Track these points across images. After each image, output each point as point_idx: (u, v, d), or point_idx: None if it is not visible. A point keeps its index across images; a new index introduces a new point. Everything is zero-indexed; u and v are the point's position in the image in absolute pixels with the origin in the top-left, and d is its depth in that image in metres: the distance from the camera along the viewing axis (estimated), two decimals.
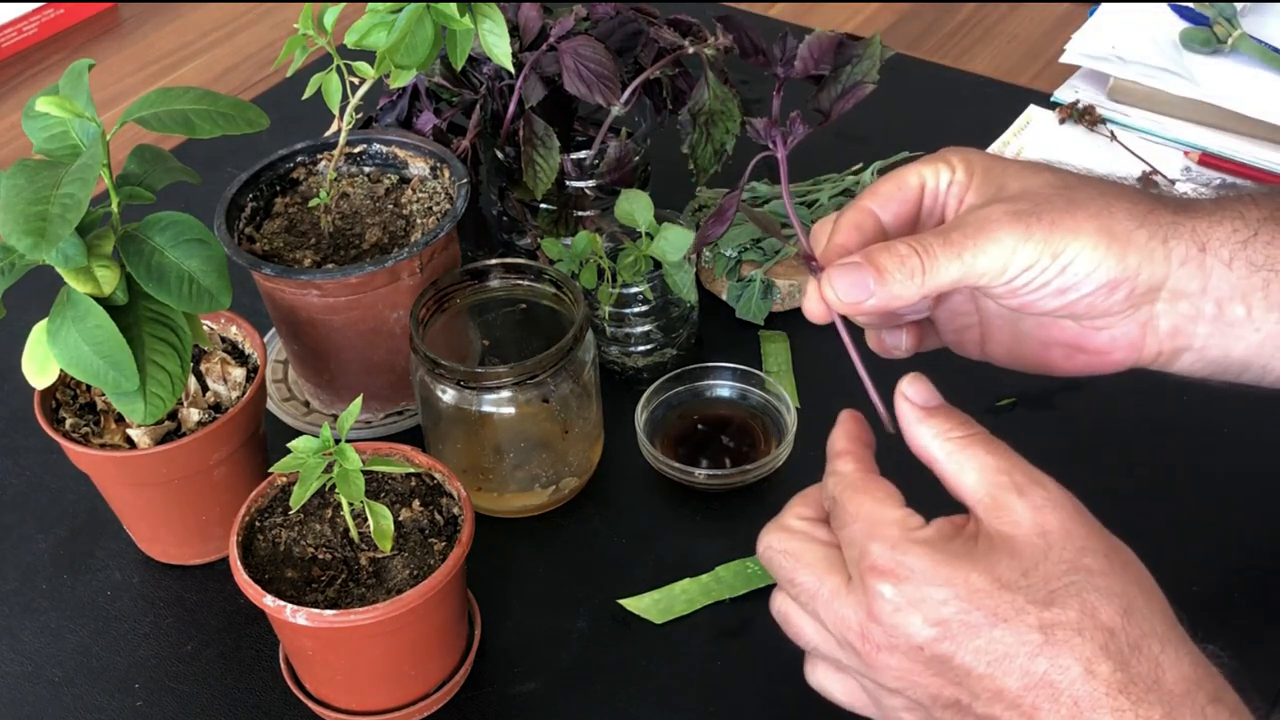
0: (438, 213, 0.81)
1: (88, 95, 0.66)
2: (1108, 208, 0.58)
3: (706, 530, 0.77)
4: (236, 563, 0.64)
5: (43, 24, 1.28)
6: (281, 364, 0.88)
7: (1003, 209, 0.57)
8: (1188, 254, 0.58)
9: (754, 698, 0.69)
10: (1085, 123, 1.05)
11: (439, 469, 0.69)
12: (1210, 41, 1.07)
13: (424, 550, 0.66)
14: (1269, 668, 0.68)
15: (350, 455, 0.63)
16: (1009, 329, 0.64)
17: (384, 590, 0.65)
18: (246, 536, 0.67)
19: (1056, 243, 0.56)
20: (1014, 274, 0.57)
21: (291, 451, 0.63)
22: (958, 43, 1.19)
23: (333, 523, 0.68)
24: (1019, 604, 0.50)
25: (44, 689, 0.71)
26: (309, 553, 0.67)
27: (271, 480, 0.69)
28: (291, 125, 0.94)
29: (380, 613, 0.62)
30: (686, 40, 0.85)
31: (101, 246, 0.65)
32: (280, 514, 0.68)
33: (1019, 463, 0.54)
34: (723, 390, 0.83)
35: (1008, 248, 0.56)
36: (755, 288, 0.88)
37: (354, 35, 0.72)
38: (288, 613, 0.62)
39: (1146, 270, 0.58)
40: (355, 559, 0.66)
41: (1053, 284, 0.58)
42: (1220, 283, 0.59)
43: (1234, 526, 0.75)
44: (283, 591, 0.64)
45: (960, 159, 0.61)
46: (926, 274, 0.57)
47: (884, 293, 0.57)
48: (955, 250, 0.57)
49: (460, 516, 0.67)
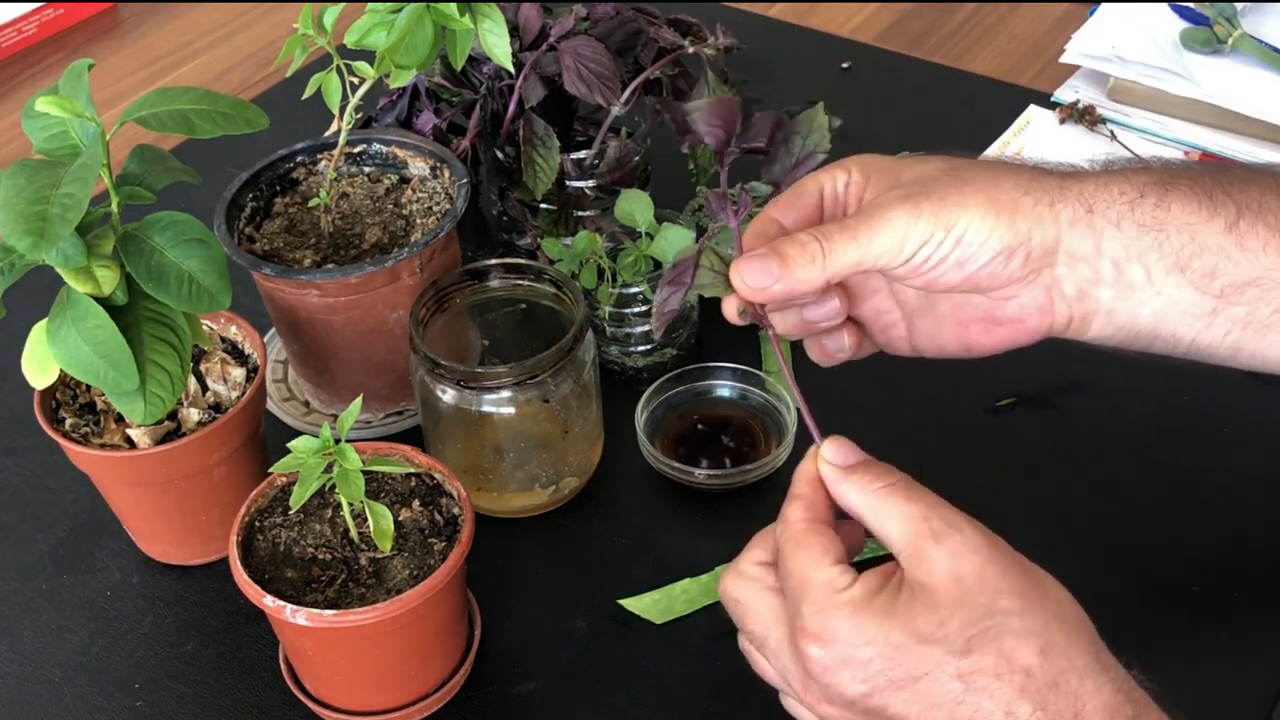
0: (438, 213, 0.81)
1: (87, 95, 0.66)
2: (994, 181, 0.60)
3: (706, 530, 0.77)
4: (236, 563, 0.64)
5: (42, 24, 1.28)
6: (281, 364, 0.88)
7: (895, 194, 0.60)
8: (1075, 215, 0.60)
9: (754, 698, 0.69)
10: (1085, 123, 1.05)
11: (439, 469, 0.69)
12: (1210, 41, 1.07)
13: (424, 550, 0.66)
14: (1269, 668, 0.68)
15: (350, 455, 0.63)
16: (929, 317, 0.66)
17: (384, 590, 0.65)
18: (246, 536, 0.67)
19: (947, 217, 0.59)
20: (910, 252, 0.59)
21: (291, 451, 0.63)
22: (958, 43, 1.19)
23: (333, 523, 0.68)
24: (938, 656, 0.53)
25: (44, 689, 0.71)
26: (309, 553, 0.67)
27: (271, 480, 0.69)
28: (291, 125, 0.94)
29: (380, 613, 0.62)
30: (686, 40, 0.85)
31: (101, 246, 0.65)
32: (280, 514, 0.68)
33: (937, 508, 0.56)
34: (723, 390, 0.83)
35: (900, 226, 0.59)
36: None
37: (354, 35, 0.72)
38: (287, 613, 0.62)
39: (1037, 233, 0.60)
40: (355, 559, 0.66)
41: (950, 257, 0.60)
42: (1112, 244, 0.61)
43: (1234, 526, 0.75)
44: (283, 592, 0.64)
45: (856, 163, 0.64)
46: (827, 257, 0.59)
47: (789, 276, 0.59)
48: (851, 234, 0.59)
49: (460, 516, 0.67)
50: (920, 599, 0.54)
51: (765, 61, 1.16)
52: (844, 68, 1.15)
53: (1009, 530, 0.75)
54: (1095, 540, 0.75)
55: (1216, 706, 0.67)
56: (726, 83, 0.86)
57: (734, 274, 0.60)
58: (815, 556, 0.57)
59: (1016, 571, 0.55)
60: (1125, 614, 0.71)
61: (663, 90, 0.86)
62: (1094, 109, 1.05)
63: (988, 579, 0.54)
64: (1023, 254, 0.60)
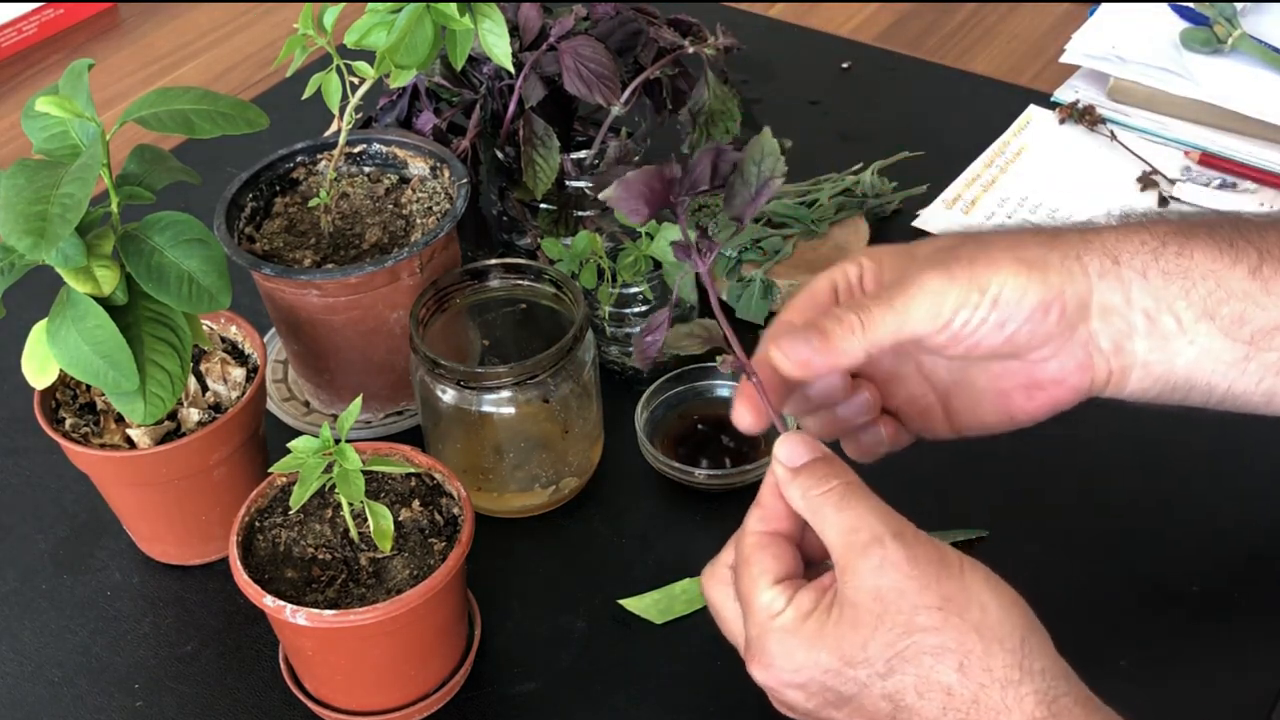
0: (438, 213, 0.81)
1: (87, 95, 0.66)
2: (1017, 242, 0.61)
3: (706, 530, 0.77)
4: (236, 563, 0.64)
5: (43, 24, 1.28)
6: (281, 364, 0.88)
7: (921, 263, 0.60)
8: (1103, 267, 0.61)
9: (754, 698, 0.69)
10: (1085, 123, 1.05)
11: (439, 469, 0.69)
12: (1210, 41, 1.07)
13: (424, 550, 0.66)
14: (1269, 668, 0.68)
15: (350, 455, 0.63)
16: (965, 393, 0.66)
17: (384, 590, 0.65)
18: (246, 536, 0.67)
19: (980, 279, 0.59)
20: (948, 317, 0.59)
21: (291, 452, 0.63)
22: (958, 43, 1.19)
23: (333, 523, 0.68)
24: (864, 678, 0.55)
25: (44, 689, 0.71)
26: (309, 553, 0.67)
27: (271, 481, 0.69)
28: (291, 125, 0.94)
29: (380, 613, 0.62)
30: (686, 40, 0.85)
31: (101, 246, 0.65)
32: (280, 514, 0.68)
33: (866, 518, 0.56)
34: (723, 390, 0.83)
35: (936, 292, 0.59)
36: (755, 288, 0.88)
37: (354, 35, 0.72)
38: (287, 613, 0.62)
39: (1069, 287, 0.60)
40: (355, 559, 0.66)
41: (990, 319, 0.59)
42: (1141, 294, 0.61)
43: (1235, 526, 0.75)
44: (283, 592, 0.64)
45: (866, 254, 0.64)
46: (866, 329, 0.59)
47: (829, 349, 0.59)
48: (888, 304, 0.59)
49: (460, 516, 0.67)
50: (846, 618, 0.55)
51: (765, 61, 1.16)
52: (844, 68, 1.15)
53: (1010, 533, 0.75)
54: (1095, 540, 0.75)
55: (1216, 706, 0.67)
56: (726, 83, 0.86)
57: (773, 351, 0.60)
58: (755, 576, 0.58)
59: (937, 584, 0.55)
60: (1125, 614, 0.71)
61: (663, 90, 0.86)
62: (1094, 109, 1.05)
63: (906, 594, 0.54)
64: (1058, 308, 0.60)
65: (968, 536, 0.75)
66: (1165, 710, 0.67)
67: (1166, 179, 0.99)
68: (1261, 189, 0.97)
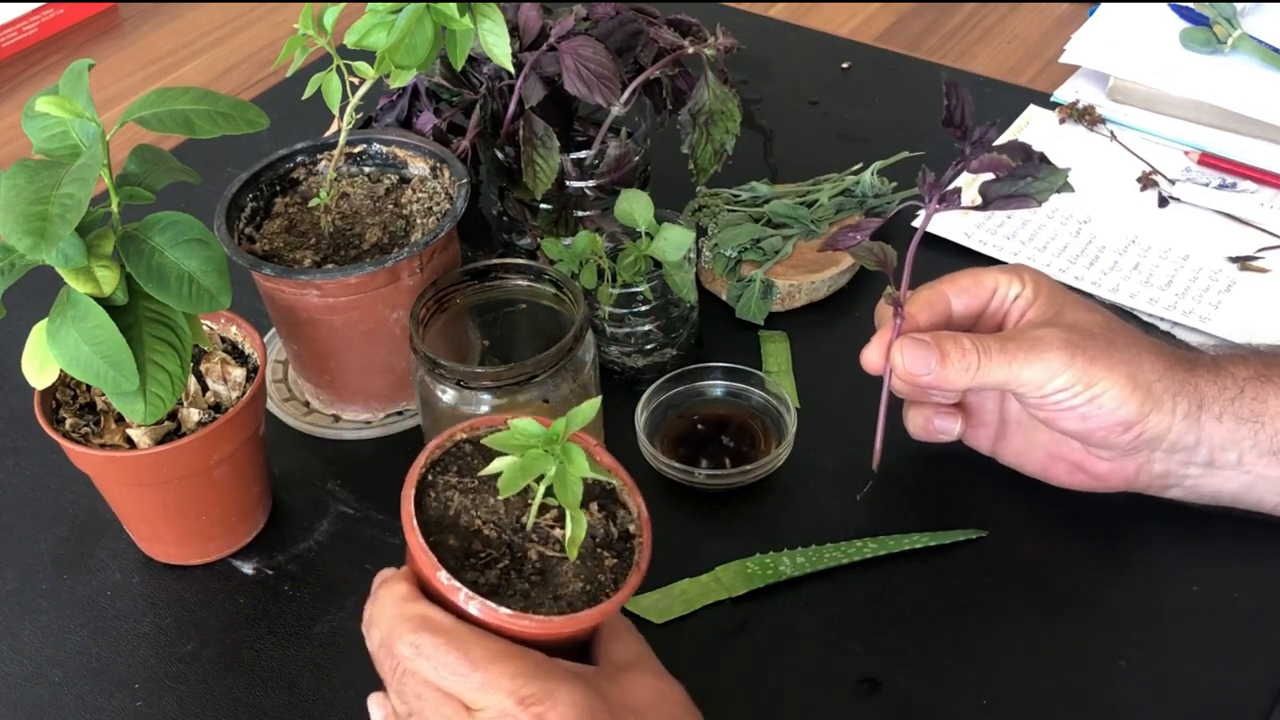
0: (438, 213, 0.81)
1: (88, 95, 0.66)
2: (1138, 357, 0.68)
3: (706, 530, 0.77)
4: (413, 526, 0.58)
5: (43, 24, 1.28)
6: (281, 364, 0.88)
7: (1056, 334, 0.68)
8: (1188, 410, 0.68)
9: (754, 698, 0.69)
10: (1085, 123, 1.05)
11: (621, 477, 0.63)
12: (1210, 41, 1.07)
13: (594, 561, 0.60)
14: (1269, 668, 0.68)
15: (578, 459, 0.57)
16: (1021, 435, 0.75)
17: (549, 594, 0.58)
18: (419, 492, 0.60)
19: (1092, 376, 0.67)
20: (1049, 391, 0.67)
21: (508, 430, 0.57)
22: (958, 43, 1.19)
23: (508, 501, 0.61)
24: None
25: (44, 689, 0.71)
26: (475, 524, 0.60)
27: (450, 434, 0.63)
28: (291, 125, 0.94)
29: (555, 626, 0.57)
30: (686, 40, 0.85)
31: (101, 246, 0.65)
32: (455, 473, 0.62)
33: None
34: (722, 390, 0.83)
35: (1052, 368, 0.67)
36: (755, 288, 0.88)
37: (354, 35, 0.72)
38: (461, 597, 0.56)
39: (1155, 419, 0.68)
40: (522, 548, 0.60)
41: (1079, 409, 0.68)
42: (1212, 434, 0.69)
43: (1234, 526, 0.75)
44: (443, 561, 0.57)
45: (1031, 277, 0.72)
46: (979, 370, 0.68)
47: (940, 374, 0.68)
48: (1008, 358, 0.68)
49: (636, 537, 0.61)
50: None
51: (765, 61, 1.16)
52: (844, 68, 1.15)
53: (1010, 533, 0.75)
54: (1095, 540, 0.75)
55: (1216, 706, 0.67)
56: (726, 83, 0.86)
57: (895, 350, 0.69)
58: None
59: None
60: (1125, 614, 0.71)
61: (663, 90, 0.86)
62: (1094, 109, 1.05)
63: None
64: (1137, 431, 0.68)
65: (968, 536, 0.75)
66: (1165, 710, 0.67)
67: (1166, 179, 0.99)
68: (1261, 189, 0.97)
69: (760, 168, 1.02)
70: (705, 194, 0.95)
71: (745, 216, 0.92)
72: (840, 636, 0.71)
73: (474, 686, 0.55)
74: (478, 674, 0.55)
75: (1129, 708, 0.67)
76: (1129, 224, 0.96)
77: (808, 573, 0.73)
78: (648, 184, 0.91)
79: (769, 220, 0.92)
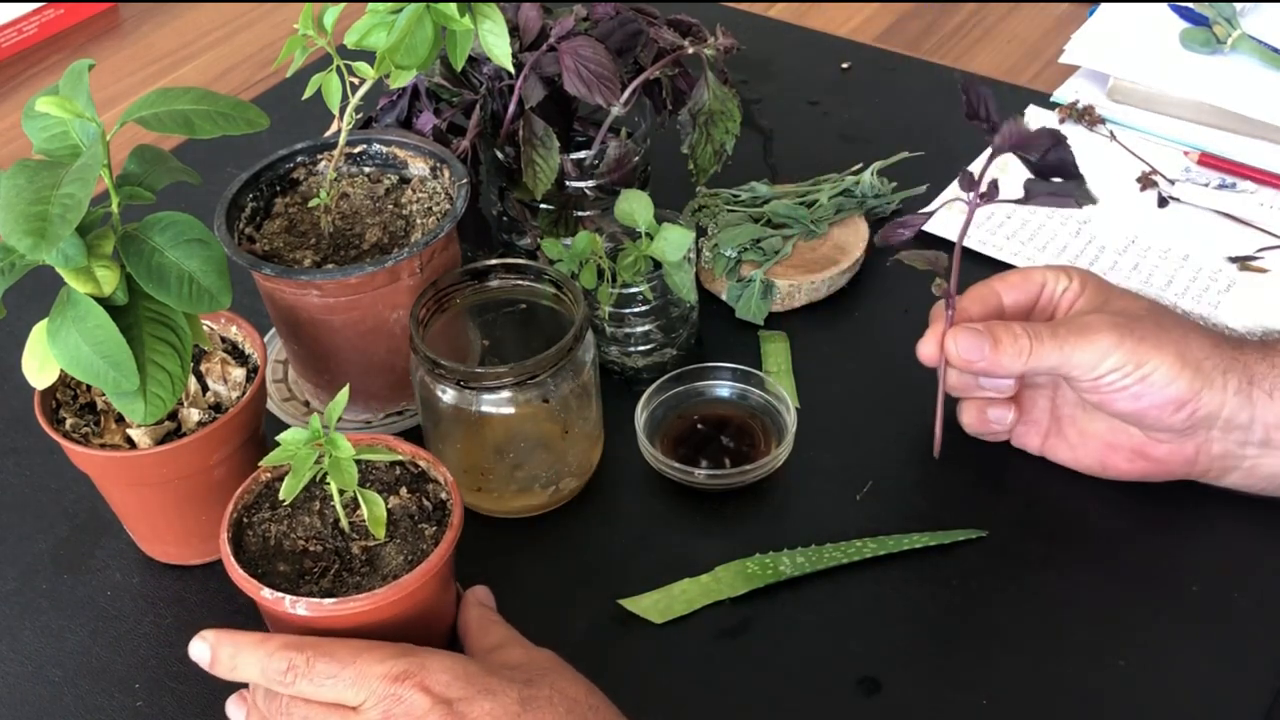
0: (438, 213, 0.81)
1: (88, 95, 0.66)
2: (1185, 337, 0.70)
3: (706, 530, 0.77)
4: (229, 559, 0.64)
5: (43, 24, 1.28)
6: (281, 364, 0.88)
7: (1104, 318, 0.70)
8: (1239, 386, 0.69)
9: (754, 698, 0.69)
10: (1085, 123, 1.05)
11: (423, 456, 0.69)
12: (1210, 41, 1.07)
13: (415, 536, 0.66)
14: (1269, 668, 0.68)
15: (342, 444, 0.63)
16: (1076, 429, 0.76)
17: (379, 578, 0.64)
18: (236, 534, 0.67)
19: (1142, 355, 0.69)
20: (1102, 372, 0.69)
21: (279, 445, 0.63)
22: (958, 43, 1.19)
23: (321, 514, 0.68)
24: None
25: (44, 689, 0.71)
26: (300, 545, 0.66)
27: (256, 476, 0.68)
28: (291, 125, 0.94)
29: (380, 598, 0.62)
30: (686, 40, 0.85)
31: (101, 246, 0.65)
32: (268, 508, 0.68)
33: None
34: (723, 390, 0.83)
35: (1102, 349, 0.69)
36: (755, 288, 0.88)
37: (354, 35, 0.72)
38: (287, 604, 0.62)
39: (1207, 395, 0.69)
40: (347, 549, 0.66)
41: (1131, 389, 0.69)
42: (1265, 412, 0.70)
43: (1234, 526, 0.75)
44: (277, 585, 0.63)
45: (1078, 272, 0.75)
46: (1032, 354, 0.70)
47: (994, 359, 0.71)
48: (1059, 342, 0.70)
49: (449, 501, 0.67)
50: None
51: (765, 61, 1.16)
52: (844, 68, 1.15)
53: (1010, 533, 0.75)
54: (1095, 540, 0.75)
55: (1216, 706, 0.67)
56: (726, 83, 0.86)
57: (949, 339, 0.72)
58: None
59: None
60: (1125, 614, 0.71)
61: (663, 90, 0.86)
62: (1094, 109, 1.05)
63: None
64: (1190, 409, 0.69)
65: (968, 536, 0.75)
66: (1165, 710, 0.67)
67: (1166, 179, 0.99)
68: (1261, 189, 0.97)
69: (760, 168, 1.02)
70: (705, 194, 0.95)
71: (745, 217, 0.93)
72: (840, 636, 0.71)
73: (349, 683, 0.58)
74: (349, 670, 0.59)
75: (1129, 708, 0.67)
76: (1129, 224, 0.96)
77: (808, 573, 0.73)
78: (648, 184, 0.91)
79: (769, 220, 0.93)
